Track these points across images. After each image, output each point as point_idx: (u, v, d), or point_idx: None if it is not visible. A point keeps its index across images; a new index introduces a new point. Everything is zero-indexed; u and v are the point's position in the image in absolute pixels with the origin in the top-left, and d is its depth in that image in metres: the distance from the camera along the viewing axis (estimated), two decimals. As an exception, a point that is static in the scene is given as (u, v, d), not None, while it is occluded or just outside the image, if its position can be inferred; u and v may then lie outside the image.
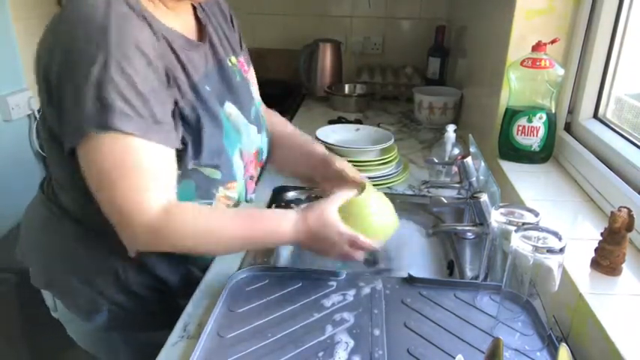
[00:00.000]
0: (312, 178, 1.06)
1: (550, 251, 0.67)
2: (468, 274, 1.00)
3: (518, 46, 1.21)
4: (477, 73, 1.62)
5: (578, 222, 0.97)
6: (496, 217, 0.78)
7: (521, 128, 1.18)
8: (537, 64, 1.13)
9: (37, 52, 0.77)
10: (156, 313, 0.94)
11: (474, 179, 1.05)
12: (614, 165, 1.01)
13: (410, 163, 1.43)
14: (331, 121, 1.81)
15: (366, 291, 0.85)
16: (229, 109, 0.91)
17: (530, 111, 1.17)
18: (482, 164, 1.04)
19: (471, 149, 1.09)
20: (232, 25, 1.02)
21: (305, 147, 1.08)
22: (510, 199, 1.07)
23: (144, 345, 0.83)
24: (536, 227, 0.71)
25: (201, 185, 0.85)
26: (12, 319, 1.55)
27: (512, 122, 1.19)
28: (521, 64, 1.15)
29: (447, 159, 1.25)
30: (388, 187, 1.30)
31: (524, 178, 1.13)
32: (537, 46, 1.14)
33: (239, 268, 0.91)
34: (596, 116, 1.19)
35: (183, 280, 0.95)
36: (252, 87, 1.03)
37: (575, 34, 1.20)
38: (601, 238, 0.78)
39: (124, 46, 0.71)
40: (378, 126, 1.68)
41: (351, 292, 0.84)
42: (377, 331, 0.76)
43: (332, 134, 1.42)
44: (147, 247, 0.80)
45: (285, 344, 0.73)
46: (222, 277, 0.86)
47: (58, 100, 0.73)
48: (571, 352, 0.63)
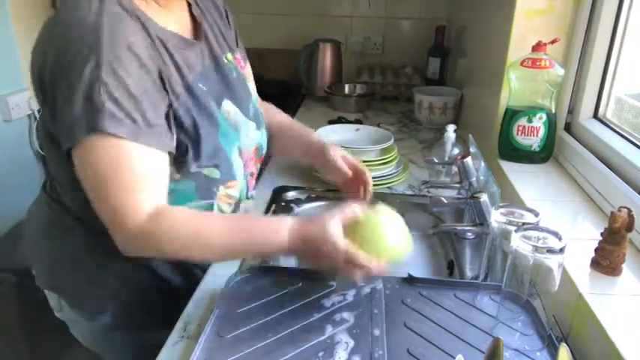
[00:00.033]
0: (313, 166, 1.08)
1: (550, 251, 0.67)
2: (468, 274, 1.00)
3: (519, 46, 1.21)
4: (477, 73, 1.62)
5: (578, 222, 0.97)
6: (496, 217, 0.78)
7: (521, 128, 1.18)
8: (537, 64, 1.13)
9: (32, 54, 0.77)
10: (158, 313, 0.94)
11: (474, 179, 1.05)
12: (614, 165, 1.01)
13: (410, 163, 1.43)
14: (331, 121, 1.81)
15: (366, 291, 0.85)
16: (227, 107, 0.90)
17: (530, 111, 1.17)
18: (482, 164, 1.04)
19: (471, 149, 1.09)
20: (228, 21, 1.01)
21: (304, 137, 1.09)
22: (510, 199, 1.06)
23: (144, 345, 0.82)
24: (536, 227, 0.71)
25: (201, 185, 0.85)
26: (12, 319, 1.55)
27: (513, 122, 1.19)
28: (522, 64, 1.15)
29: (447, 159, 1.25)
30: (388, 187, 1.30)
31: (524, 178, 1.13)
32: (537, 46, 1.14)
33: (239, 268, 0.91)
34: (596, 116, 1.19)
35: (187, 280, 0.95)
36: (249, 83, 1.02)
37: (575, 34, 1.20)
38: (601, 238, 0.79)
39: (116, 48, 0.70)
40: (378, 126, 1.68)
41: (351, 292, 0.84)
42: (377, 331, 0.75)
43: (332, 134, 1.42)
44: (135, 249, 0.77)
45: (285, 344, 0.73)
46: (223, 278, 0.86)
47: (52, 101, 0.73)
48: (571, 352, 0.63)
